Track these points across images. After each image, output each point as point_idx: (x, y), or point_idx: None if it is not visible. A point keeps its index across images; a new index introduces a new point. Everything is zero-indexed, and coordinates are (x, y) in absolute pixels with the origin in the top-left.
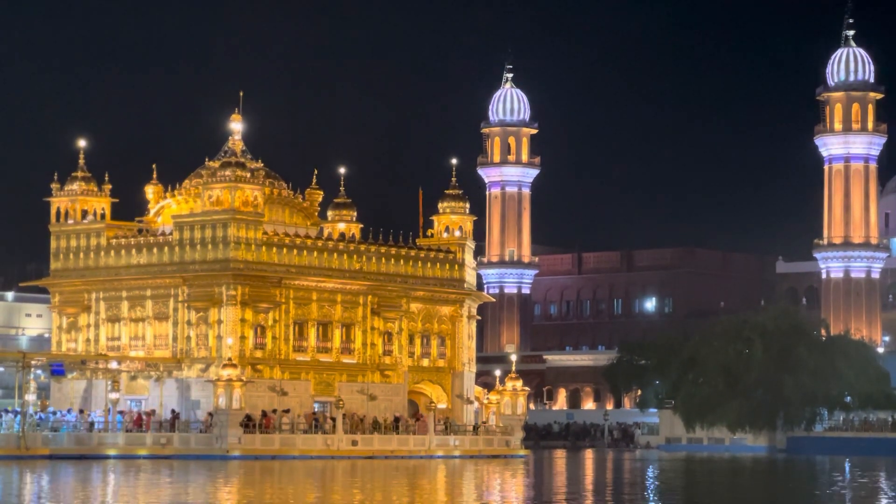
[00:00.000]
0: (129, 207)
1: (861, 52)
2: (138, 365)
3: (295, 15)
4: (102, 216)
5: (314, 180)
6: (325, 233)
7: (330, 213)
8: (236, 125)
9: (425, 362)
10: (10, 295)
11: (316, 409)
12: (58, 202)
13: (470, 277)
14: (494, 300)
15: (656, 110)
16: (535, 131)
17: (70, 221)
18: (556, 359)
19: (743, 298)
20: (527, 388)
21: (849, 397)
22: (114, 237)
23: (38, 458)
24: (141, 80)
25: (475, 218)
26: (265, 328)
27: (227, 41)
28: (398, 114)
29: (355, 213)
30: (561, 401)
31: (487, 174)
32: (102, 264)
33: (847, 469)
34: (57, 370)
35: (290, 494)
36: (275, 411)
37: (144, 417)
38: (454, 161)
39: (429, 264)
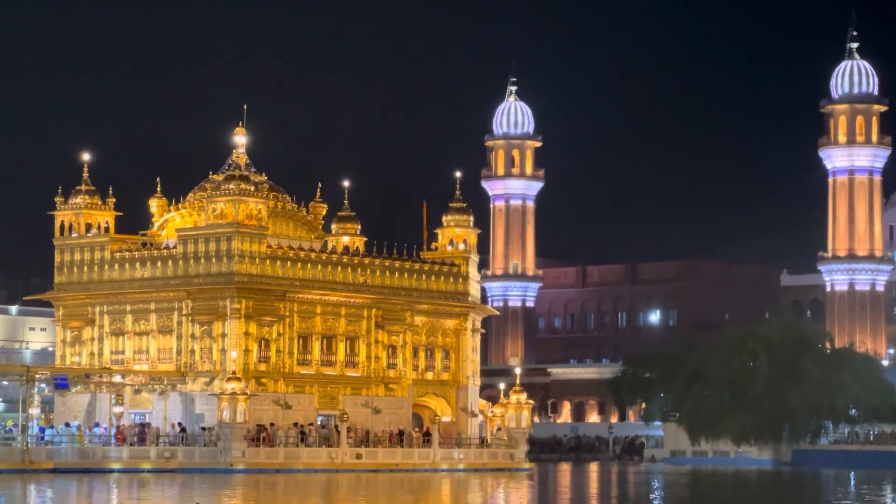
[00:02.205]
0: (133, 221)
1: (865, 64)
2: (142, 378)
3: (299, 28)
4: (106, 230)
5: (318, 194)
6: (329, 246)
7: (334, 227)
8: (240, 138)
9: (429, 375)
10: (14, 308)
11: (319, 421)
12: (62, 216)
13: (474, 290)
14: (498, 313)
15: (660, 124)
16: (539, 144)
17: (74, 235)
18: (560, 372)
19: (747, 311)
20: (531, 402)
21: (854, 410)
22: (118, 251)
23: (43, 472)
24: (145, 94)
25: (479, 231)
26: (269, 341)
27: (230, 55)
28: (402, 127)
29: (359, 227)
30: (565, 414)
31: (491, 187)
32: (106, 278)
33: (852, 482)
34: (61, 384)
35: None
36: (297, 424)
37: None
38: (458, 174)
39: (433, 277)
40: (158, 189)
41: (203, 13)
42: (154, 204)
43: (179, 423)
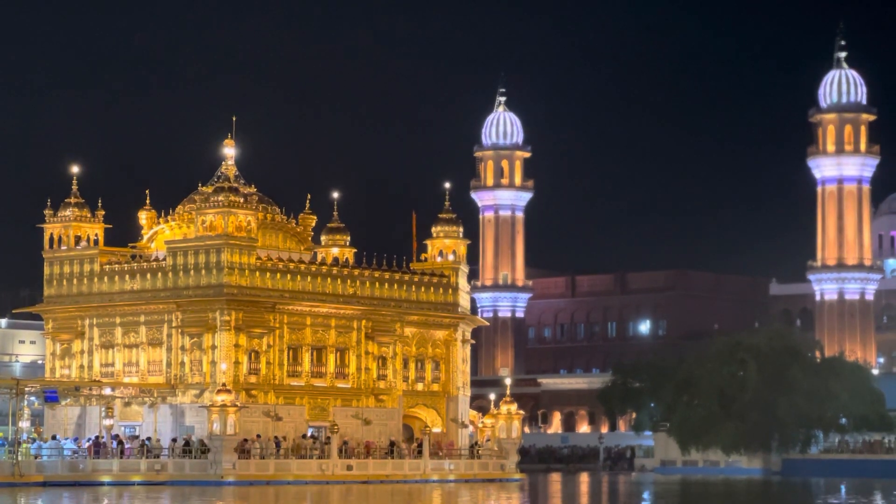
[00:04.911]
0: (122, 233)
1: (853, 73)
2: (132, 391)
3: (288, 40)
4: (96, 242)
5: (307, 205)
6: (319, 258)
7: (323, 238)
8: (229, 150)
9: (420, 386)
10: (3, 321)
11: (308, 433)
12: (51, 228)
13: (464, 301)
14: (488, 324)
15: (649, 133)
16: (528, 155)
17: (63, 248)
18: (550, 382)
19: (737, 320)
20: (521, 412)
21: (844, 419)
22: (107, 263)
23: (32, 486)
24: (134, 106)
25: (469, 242)
26: (259, 353)
27: (220, 66)
28: (391, 138)
29: (349, 238)
30: (556, 424)
31: (481, 198)
32: (96, 290)
33: (842, 491)
34: (51, 397)
35: None
36: (307, 436)
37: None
38: (447, 185)
39: (422, 288)
40: (147, 201)
41: (193, 26)
42: (143, 216)
43: (117, 436)
